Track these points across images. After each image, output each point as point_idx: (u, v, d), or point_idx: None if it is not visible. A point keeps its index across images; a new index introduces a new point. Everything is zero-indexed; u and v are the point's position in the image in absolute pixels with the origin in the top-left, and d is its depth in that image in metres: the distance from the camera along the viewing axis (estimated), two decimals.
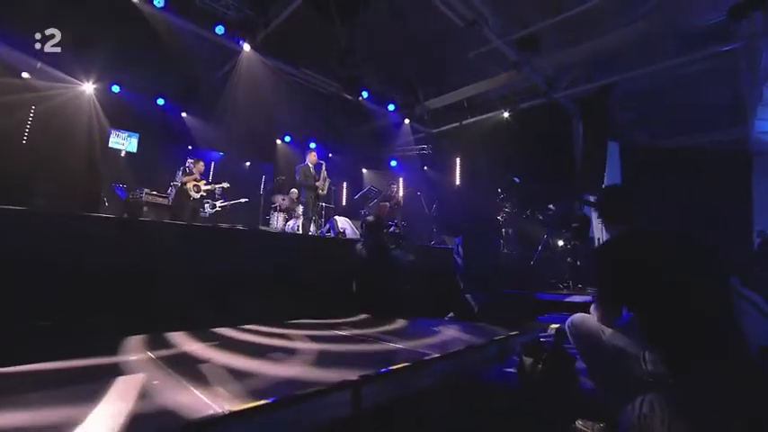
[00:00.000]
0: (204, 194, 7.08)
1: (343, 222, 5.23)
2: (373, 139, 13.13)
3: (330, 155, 13.27)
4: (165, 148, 10.83)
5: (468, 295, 4.56)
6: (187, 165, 8.00)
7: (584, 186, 10.04)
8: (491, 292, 4.64)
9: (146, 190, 6.56)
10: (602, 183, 9.87)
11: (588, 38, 8.65)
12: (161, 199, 6.75)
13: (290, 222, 8.13)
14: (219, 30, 7.97)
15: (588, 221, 7.05)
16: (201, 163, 7.39)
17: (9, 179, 8.28)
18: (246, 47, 8.23)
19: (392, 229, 5.17)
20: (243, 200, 7.97)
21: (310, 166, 7.26)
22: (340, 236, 5.16)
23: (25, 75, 8.41)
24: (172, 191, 7.84)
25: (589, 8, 7.69)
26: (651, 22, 7.84)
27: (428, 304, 4.07)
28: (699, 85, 9.25)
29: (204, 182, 7.17)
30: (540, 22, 8.31)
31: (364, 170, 13.64)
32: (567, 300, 5.11)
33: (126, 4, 7.43)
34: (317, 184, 7.09)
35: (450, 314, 3.94)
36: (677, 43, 8.44)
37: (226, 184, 7.87)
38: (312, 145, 12.41)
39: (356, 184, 13.40)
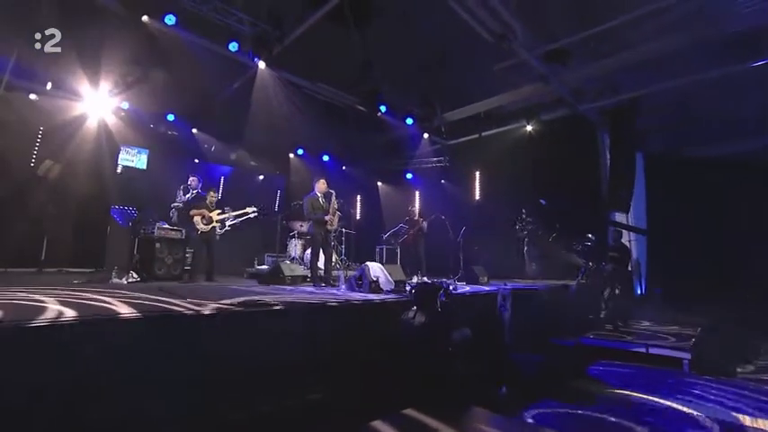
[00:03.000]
0: (218, 225, 6.51)
1: (376, 270, 4.81)
2: (388, 150, 12.73)
3: (344, 167, 12.91)
4: (175, 163, 10.49)
5: (515, 356, 4.19)
6: (189, 182, 7.62)
7: (612, 203, 9.63)
8: (543, 349, 4.28)
9: (157, 224, 6.17)
10: (631, 198, 9.45)
11: (620, 49, 8.22)
12: (174, 233, 6.37)
13: (309, 251, 7.76)
14: (233, 46, 7.60)
15: (628, 251, 6.66)
16: (214, 194, 6.69)
17: (17, 201, 8.07)
18: (262, 64, 7.86)
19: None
20: (251, 212, 7.11)
21: (319, 196, 6.37)
22: (373, 285, 4.76)
23: (33, 96, 8.07)
24: (174, 214, 7.47)
25: (624, 21, 7.34)
26: (687, 32, 7.42)
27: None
28: (727, 92, 8.81)
29: (218, 211, 6.61)
30: (571, 35, 7.92)
31: (379, 183, 13.24)
32: (628, 348, 4.72)
33: (136, 22, 7.07)
34: (327, 218, 6.20)
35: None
36: (709, 53, 8.02)
37: (250, 210, 7.04)
38: (323, 174, 11.98)
39: (371, 198, 13.05)
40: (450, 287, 3.87)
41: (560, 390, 3.60)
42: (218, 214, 6.52)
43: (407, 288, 5.18)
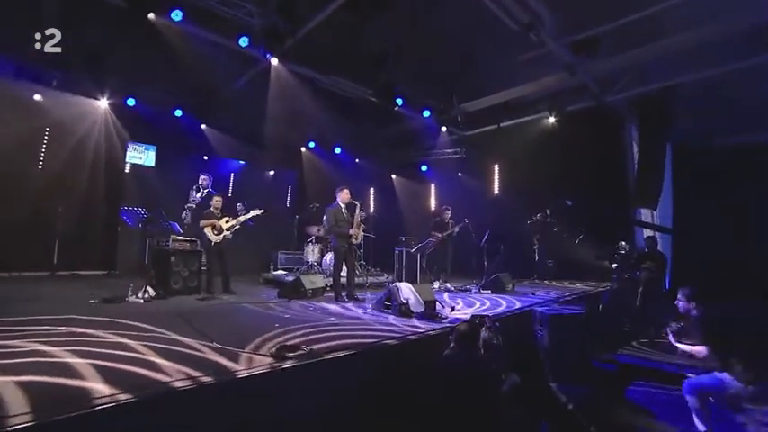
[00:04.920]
0: (229, 233, 6.28)
1: (405, 291, 4.56)
2: (402, 142, 12.30)
3: (357, 160, 12.54)
4: (184, 160, 10.20)
5: (555, 386, 3.95)
6: (200, 182, 7.37)
7: (640, 199, 9.24)
8: (584, 375, 4.04)
9: (172, 236, 5.92)
10: (660, 195, 9.04)
11: (651, 38, 7.69)
12: (189, 244, 6.12)
13: (327, 256, 7.52)
14: (243, 41, 7.19)
15: (664, 259, 6.33)
16: (218, 199, 6.37)
17: (27, 204, 7.87)
18: (274, 61, 7.45)
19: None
20: (255, 214, 6.60)
21: (342, 207, 5.95)
22: (402, 307, 4.51)
23: (37, 97, 7.76)
24: (187, 214, 7.24)
25: (659, 9, 6.82)
26: (721, 20, 6.90)
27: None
28: (760, 78, 8.27)
29: (227, 219, 6.28)
30: (601, 24, 7.40)
31: (394, 176, 12.86)
32: (665, 370, 4.48)
33: (140, 16, 6.65)
34: (351, 231, 5.80)
35: None
36: (745, 41, 7.49)
37: (253, 214, 6.58)
38: (336, 168, 11.79)
39: (386, 192, 12.70)
40: (494, 322, 3.60)
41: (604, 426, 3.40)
42: (227, 222, 6.28)
43: (439, 310, 4.95)
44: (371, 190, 12.67)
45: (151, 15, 6.27)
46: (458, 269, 8.45)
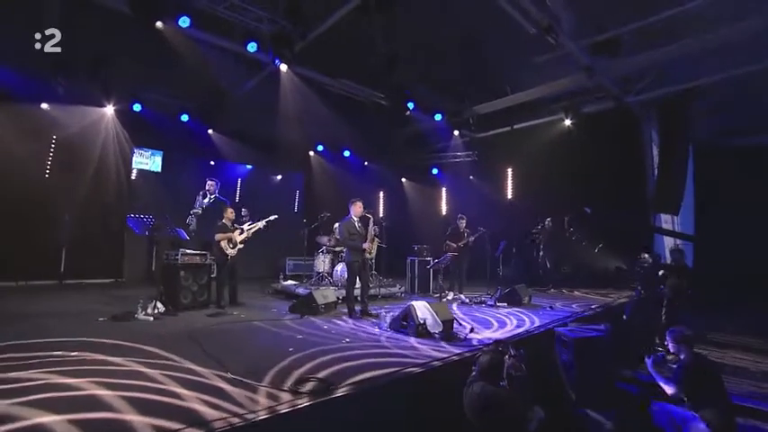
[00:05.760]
0: (242, 246, 6.23)
1: (423, 310, 4.37)
2: (412, 144, 12.06)
3: (366, 163, 12.34)
4: (190, 165, 10.07)
5: (581, 413, 3.75)
6: (207, 187, 7.22)
7: (660, 204, 8.94)
8: (609, 398, 3.83)
9: (181, 250, 5.76)
10: (682, 199, 8.73)
11: (677, 39, 7.38)
12: (199, 258, 5.97)
13: (339, 267, 7.34)
14: (252, 47, 7.00)
15: (689, 273, 6.07)
16: (231, 211, 6.29)
17: (35, 211, 7.78)
18: (283, 67, 7.25)
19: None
20: (272, 218, 6.69)
21: (355, 220, 5.76)
22: (420, 328, 4.33)
23: (44, 105, 7.66)
24: (192, 220, 7.10)
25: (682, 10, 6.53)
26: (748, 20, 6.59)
27: None
28: None
29: (239, 231, 6.22)
30: (622, 25, 7.12)
31: (404, 180, 12.63)
32: None
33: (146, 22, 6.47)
34: (365, 245, 5.63)
35: None
36: None
37: (264, 221, 6.59)
38: (345, 172, 11.61)
39: (396, 196, 12.48)
40: (519, 350, 3.40)
41: None
42: (239, 234, 6.24)
43: (457, 329, 4.76)
44: (381, 194, 12.47)
45: (159, 24, 6.05)
46: (471, 275, 8.22)
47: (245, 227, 6.50)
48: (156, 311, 5.29)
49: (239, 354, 3.84)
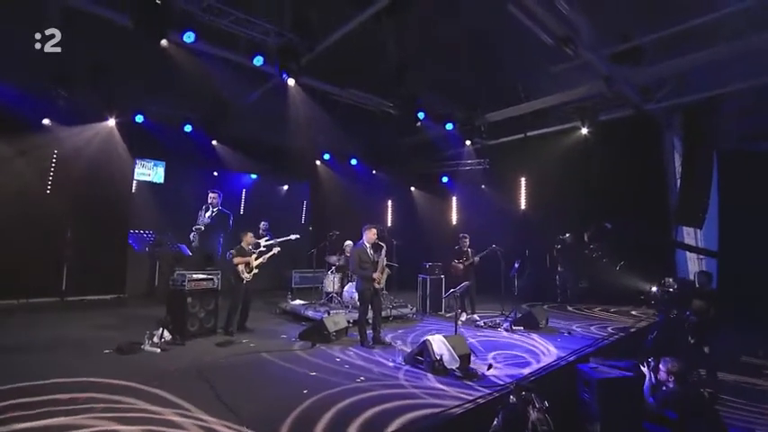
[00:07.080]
0: (257, 270, 6.09)
1: (439, 345, 4.14)
2: (421, 152, 11.76)
3: (374, 171, 12.07)
4: (193, 176, 9.87)
5: None
6: (210, 200, 7.02)
7: (683, 216, 8.57)
8: None
9: (187, 275, 5.55)
10: (706, 212, 8.36)
11: (703, 46, 7.03)
12: (206, 282, 5.75)
13: (348, 287, 7.11)
14: (258, 60, 6.78)
15: (716, 298, 5.76)
16: (250, 234, 6.14)
17: (35, 229, 7.62)
18: (291, 81, 7.03)
19: None
20: (293, 237, 6.89)
21: (368, 246, 5.54)
22: (436, 364, 4.10)
23: (46, 121, 7.49)
24: (195, 237, 6.91)
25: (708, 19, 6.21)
26: None
27: None
28: None
29: (255, 255, 6.09)
30: (644, 33, 6.81)
31: (413, 189, 12.35)
32: None
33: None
34: (375, 275, 5.40)
35: None
36: None
37: (277, 247, 6.61)
38: (352, 179, 11.47)
39: (404, 205, 12.21)
40: (543, 402, 3.16)
41: None
42: (256, 258, 6.13)
43: (474, 362, 4.53)
44: (389, 203, 12.21)
45: (164, 42, 5.84)
46: (483, 290, 7.96)
47: (263, 242, 6.43)
48: (162, 340, 5.11)
49: (252, 396, 3.69)
